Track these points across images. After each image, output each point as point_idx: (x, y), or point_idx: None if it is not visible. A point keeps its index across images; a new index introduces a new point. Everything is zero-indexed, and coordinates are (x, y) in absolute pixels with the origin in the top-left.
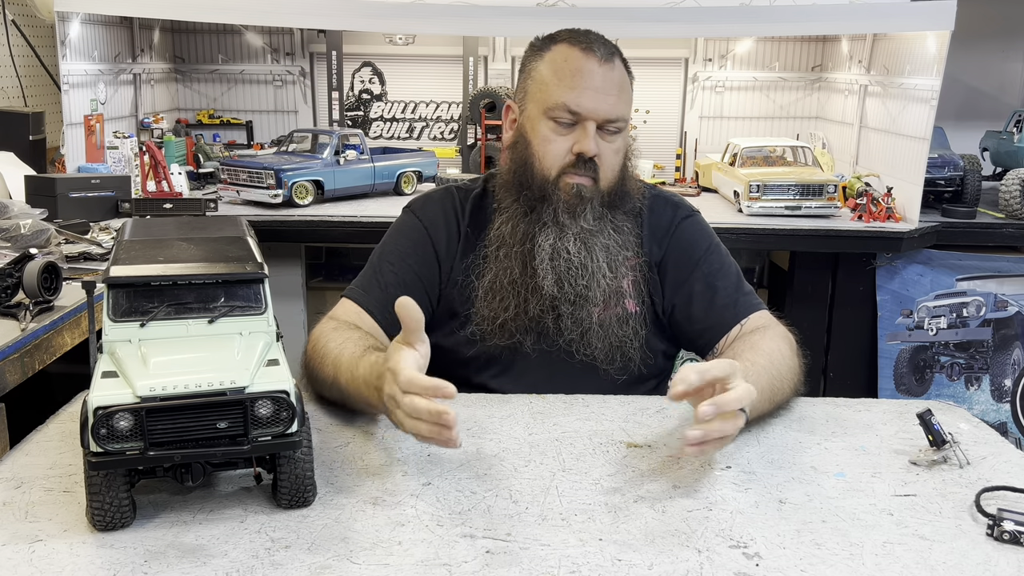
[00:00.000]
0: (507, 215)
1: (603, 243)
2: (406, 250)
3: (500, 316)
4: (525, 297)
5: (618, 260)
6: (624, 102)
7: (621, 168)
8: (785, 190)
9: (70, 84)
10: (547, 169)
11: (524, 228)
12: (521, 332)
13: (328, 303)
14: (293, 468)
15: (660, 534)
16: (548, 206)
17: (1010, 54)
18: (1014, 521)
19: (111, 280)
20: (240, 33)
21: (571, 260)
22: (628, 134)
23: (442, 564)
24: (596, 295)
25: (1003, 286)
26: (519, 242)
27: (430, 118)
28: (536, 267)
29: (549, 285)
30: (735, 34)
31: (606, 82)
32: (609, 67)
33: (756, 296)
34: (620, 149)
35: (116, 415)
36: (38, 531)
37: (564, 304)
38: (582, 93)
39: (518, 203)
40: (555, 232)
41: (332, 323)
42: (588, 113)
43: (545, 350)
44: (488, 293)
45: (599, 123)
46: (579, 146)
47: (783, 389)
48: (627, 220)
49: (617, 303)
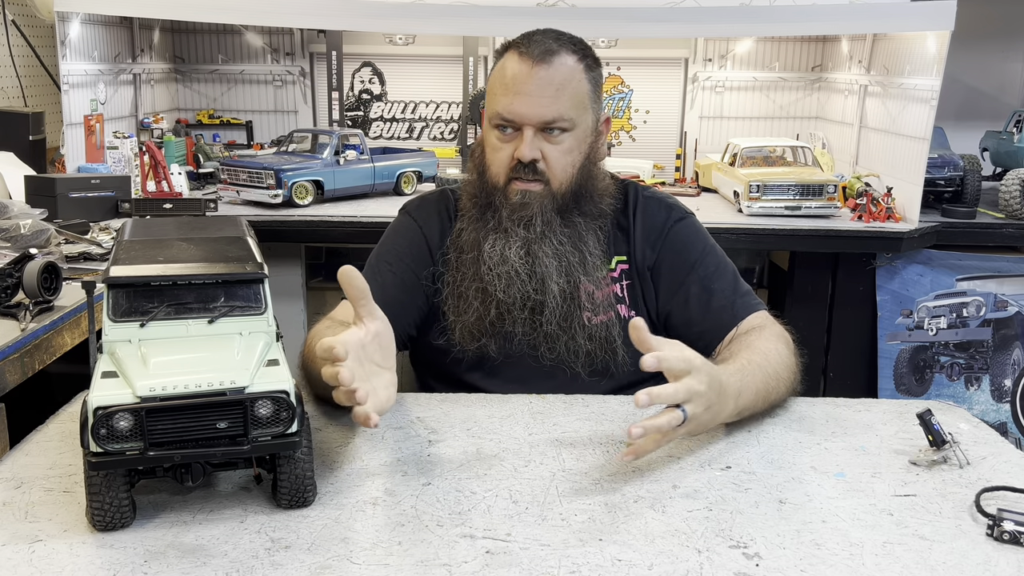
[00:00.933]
0: (465, 220)
1: (553, 249)
2: (403, 250)
3: (462, 320)
4: (482, 300)
5: (576, 263)
6: (565, 99)
7: (579, 168)
8: (785, 190)
9: (70, 84)
10: (495, 176)
11: (475, 235)
12: (486, 336)
13: (328, 303)
14: (293, 468)
15: (660, 534)
16: (495, 212)
17: (1010, 54)
18: (1014, 521)
19: (111, 280)
20: (240, 33)
21: (514, 267)
22: (585, 132)
23: (442, 564)
24: (551, 300)
25: (1003, 286)
26: (470, 248)
27: (430, 118)
28: (483, 274)
29: (499, 291)
30: (735, 34)
31: (539, 84)
32: (543, 67)
33: (754, 296)
34: (571, 149)
35: (116, 415)
36: (38, 531)
37: (516, 310)
38: (513, 99)
39: (474, 209)
40: (501, 239)
41: (327, 322)
42: (520, 119)
43: (509, 352)
44: (451, 298)
45: (538, 126)
46: (517, 152)
47: (778, 388)
48: (593, 224)
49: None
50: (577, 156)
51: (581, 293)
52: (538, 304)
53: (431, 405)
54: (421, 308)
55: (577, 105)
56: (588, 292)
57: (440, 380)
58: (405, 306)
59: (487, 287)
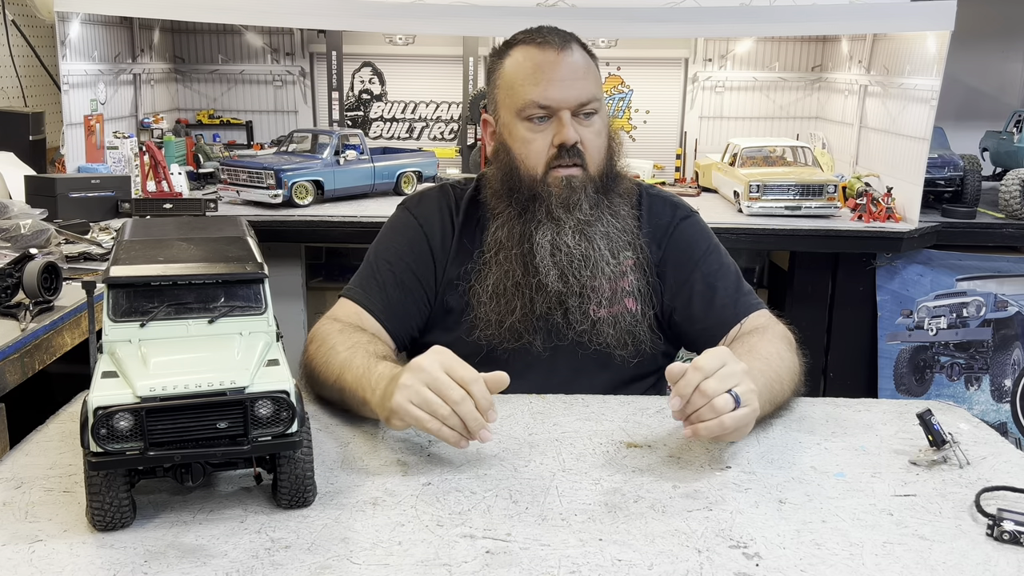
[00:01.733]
0: (502, 219)
1: (602, 231)
2: (402, 248)
3: (507, 320)
4: (531, 297)
5: (619, 245)
6: (592, 82)
7: (607, 149)
8: (785, 190)
9: (70, 84)
10: (532, 168)
11: (520, 229)
12: (530, 332)
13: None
14: (293, 468)
15: (660, 534)
16: (540, 204)
17: (1010, 54)
18: (1014, 521)
19: (111, 280)
20: (240, 33)
21: (572, 253)
22: (606, 113)
23: (442, 564)
24: (602, 284)
25: (1003, 286)
26: (517, 244)
27: (430, 118)
28: (538, 265)
29: (553, 281)
30: (735, 34)
31: (569, 68)
32: (568, 53)
33: (756, 296)
34: (601, 131)
35: (116, 415)
36: (38, 531)
37: (571, 298)
38: (548, 85)
39: (511, 207)
40: (552, 228)
41: (336, 324)
42: (559, 103)
43: (556, 346)
44: (492, 299)
45: (573, 110)
46: (559, 137)
47: (783, 391)
48: (624, 202)
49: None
50: (605, 139)
51: (626, 270)
52: (591, 290)
53: None
54: (423, 309)
55: (599, 87)
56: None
57: None
58: (407, 308)
59: (541, 279)
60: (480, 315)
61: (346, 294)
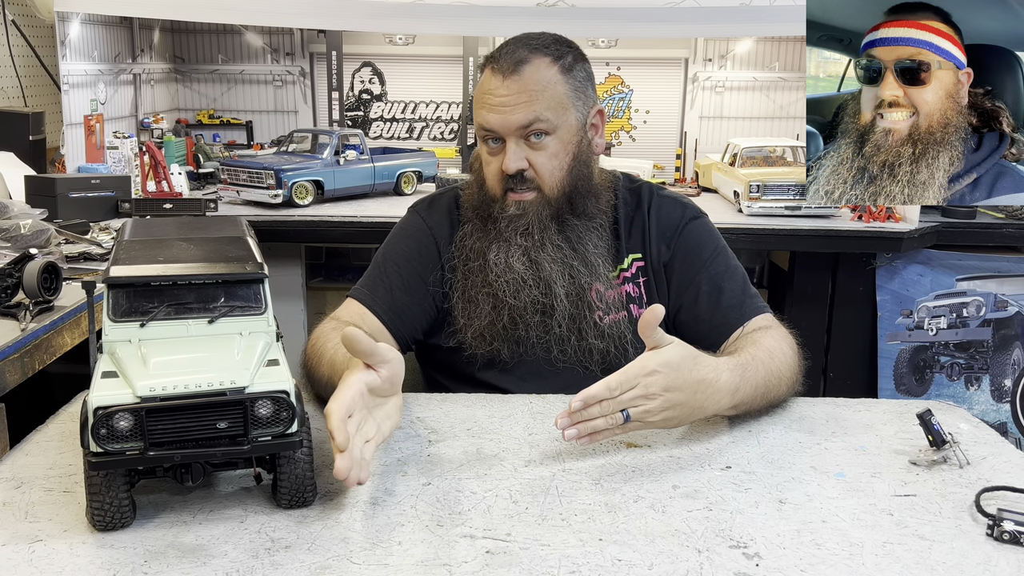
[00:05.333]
0: (468, 228)
1: (554, 255)
2: (411, 252)
3: (475, 325)
4: (494, 306)
5: (579, 266)
6: (540, 104)
7: (568, 170)
8: (785, 190)
9: (70, 84)
10: (491, 189)
11: (478, 244)
12: (498, 340)
13: (328, 303)
14: (293, 468)
15: (660, 534)
16: (494, 223)
17: None
18: (1014, 521)
19: (111, 280)
20: (240, 33)
21: (520, 274)
22: (570, 132)
23: (442, 564)
24: (559, 304)
25: (1003, 286)
26: (476, 256)
27: (430, 118)
28: (492, 281)
29: (509, 297)
30: (735, 34)
31: (510, 92)
32: (514, 78)
33: (761, 299)
34: (557, 152)
35: (116, 415)
36: (38, 531)
37: (528, 314)
38: (489, 112)
39: (476, 220)
40: (503, 249)
41: (333, 323)
42: (498, 129)
43: (523, 356)
44: (461, 302)
45: (517, 134)
46: (502, 165)
47: (779, 387)
48: (594, 220)
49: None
50: (565, 159)
51: (591, 294)
52: (548, 307)
53: (431, 405)
54: (428, 312)
55: (555, 107)
56: (598, 292)
57: (452, 379)
58: (412, 310)
59: (497, 293)
60: (456, 318)
61: (352, 295)
